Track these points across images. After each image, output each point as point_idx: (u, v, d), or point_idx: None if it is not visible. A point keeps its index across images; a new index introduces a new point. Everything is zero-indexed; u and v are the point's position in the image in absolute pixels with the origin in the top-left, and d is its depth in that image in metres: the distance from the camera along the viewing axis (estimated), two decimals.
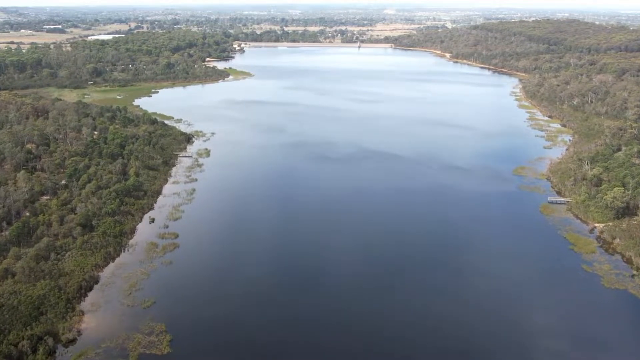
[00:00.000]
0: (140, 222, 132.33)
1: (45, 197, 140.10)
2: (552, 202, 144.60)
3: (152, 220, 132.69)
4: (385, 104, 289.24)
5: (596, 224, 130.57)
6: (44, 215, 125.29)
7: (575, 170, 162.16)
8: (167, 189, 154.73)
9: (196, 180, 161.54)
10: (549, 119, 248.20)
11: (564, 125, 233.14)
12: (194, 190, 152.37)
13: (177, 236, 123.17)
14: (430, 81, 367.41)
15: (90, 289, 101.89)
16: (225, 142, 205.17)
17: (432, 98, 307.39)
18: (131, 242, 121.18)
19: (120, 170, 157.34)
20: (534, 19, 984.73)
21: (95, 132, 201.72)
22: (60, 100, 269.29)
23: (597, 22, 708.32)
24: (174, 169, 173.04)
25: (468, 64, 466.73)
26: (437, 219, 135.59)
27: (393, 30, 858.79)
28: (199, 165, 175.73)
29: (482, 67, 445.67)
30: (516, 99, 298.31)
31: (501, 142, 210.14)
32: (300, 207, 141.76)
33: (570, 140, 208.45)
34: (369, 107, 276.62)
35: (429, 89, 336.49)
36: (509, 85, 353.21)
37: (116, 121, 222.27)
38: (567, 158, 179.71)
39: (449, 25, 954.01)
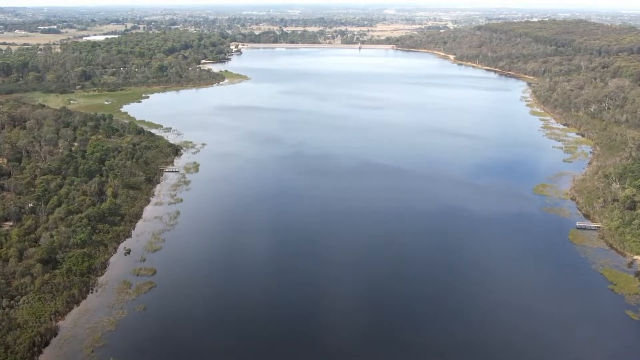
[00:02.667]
0: (114, 253, 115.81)
1: (8, 224, 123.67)
2: (581, 228, 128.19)
3: (128, 252, 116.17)
4: (388, 110, 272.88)
5: (635, 256, 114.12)
6: (1, 248, 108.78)
7: (603, 189, 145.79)
8: (148, 211, 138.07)
9: (181, 200, 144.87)
10: (565, 127, 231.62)
11: (582, 135, 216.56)
12: (177, 213, 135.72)
13: (154, 273, 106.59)
14: (435, 85, 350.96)
15: (46, 344, 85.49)
16: (216, 155, 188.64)
17: (438, 104, 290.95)
18: (101, 280, 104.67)
19: (96, 191, 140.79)
20: (537, 19, 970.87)
21: (76, 144, 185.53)
22: (44, 106, 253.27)
23: (600, 23, 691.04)
24: (157, 186, 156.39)
25: (473, 66, 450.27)
26: (449, 247, 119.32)
27: (394, 30, 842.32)
28: (186, 183, 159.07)
29: (487, 70, 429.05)
30: (527, 105, 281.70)
31: (516, 154, 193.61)
32: (297, 236, 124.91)
33: (591, 152, 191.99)
34: (371, 114, 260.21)
35: (433, 94, 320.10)
36: (518, 89, 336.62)
37: (99, 131, 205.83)
38: (592, 174, 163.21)
39: (451, 26, 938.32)
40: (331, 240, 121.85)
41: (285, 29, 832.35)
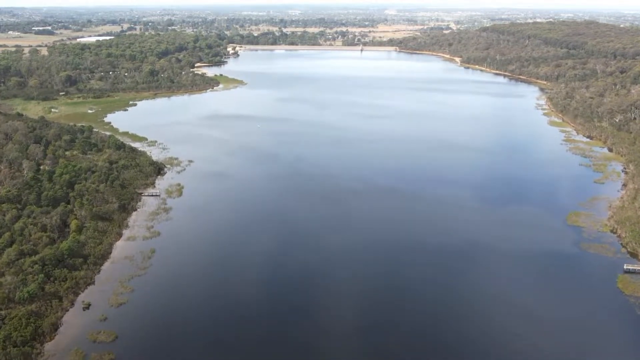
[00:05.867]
0: (70, 308, 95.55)
1: None
2: (629, 272, 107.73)
3: (87, 307, 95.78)
4: (393, 120, 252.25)
5: None
6: None
7: None
8: (118, 249, 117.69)
9: (158, 234, 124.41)
10: (589, 140, 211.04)
11: (610, 150, 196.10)
12: (152, 252, 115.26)
13: (115, 338, 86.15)
14: (442, 91, 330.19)
15: None
16: (203, 174, 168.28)
17: (447, 112, 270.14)
18: (49, 348, 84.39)
19: (57, 224, 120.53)
20: (539, 19, 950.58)
21: (48, 161, 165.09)
22: (21, 115, 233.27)
23: (611, 24, 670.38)
24: (133, 215, 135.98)
25: (481, 70, 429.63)
26: (466, 295, 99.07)
27: (396, 31, 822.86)
28: (166, 210, 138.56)
29: (496, 74, 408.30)
30: (544, 114, 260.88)
31: (540, 173, 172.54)
32: (292, 284, 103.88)
33: (623, 171, 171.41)
34: (374, 125, 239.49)
35: (441, 101, 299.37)
36: (532, 95, 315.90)
37: (75, 146, 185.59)
38: (630, 199, 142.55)
39: (453, 26, 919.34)
40: (328, 289, 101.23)
41: (285, 30, 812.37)
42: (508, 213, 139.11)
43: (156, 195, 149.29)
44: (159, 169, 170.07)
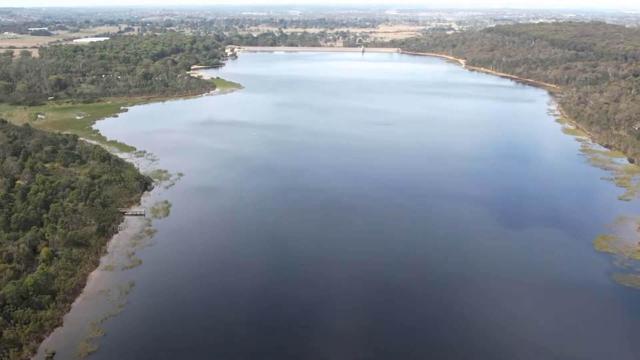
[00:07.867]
0: (31, 358, 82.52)
1: None
2: None
3: (51, 356, 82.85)
4: (397, 127, 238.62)
5: None
6: None
7: None
8: (93, 281, 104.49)
9: (140, 262, 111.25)
10: (608, 150, 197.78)
11: (632, 161, 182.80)
12: (131, 285, 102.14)
13: None
14: (448, 95, 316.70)
15: None
16: (193, 190, 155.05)
17: (454, 119, 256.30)
18: None
19: (25, 253, 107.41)
20: (541, 19, 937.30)
21: (25, 176, 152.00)
22: (5, 122, 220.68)
23: (620, 25, 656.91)
24: (114, 238, 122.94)
25: (486, 72, 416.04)
26: (484, 337, 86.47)
27: (397, 32, 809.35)
28: (150, 233, 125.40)
29: (502, 77, 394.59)
30: (557, 120, 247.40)
31: (559, 188, 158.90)
32: (289, 328, 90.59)
33: None
34: (378, 132, 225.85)
35: (447, 106, 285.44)
36: (542, 100, 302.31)
37: (57, 157, 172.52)
38: None
39: (455, 27, 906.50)
40: (328, 331, 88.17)
41: (284, 31, 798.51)
42: (527, 236, 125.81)
43: (140, 215, 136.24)
44: (145, 183, 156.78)
